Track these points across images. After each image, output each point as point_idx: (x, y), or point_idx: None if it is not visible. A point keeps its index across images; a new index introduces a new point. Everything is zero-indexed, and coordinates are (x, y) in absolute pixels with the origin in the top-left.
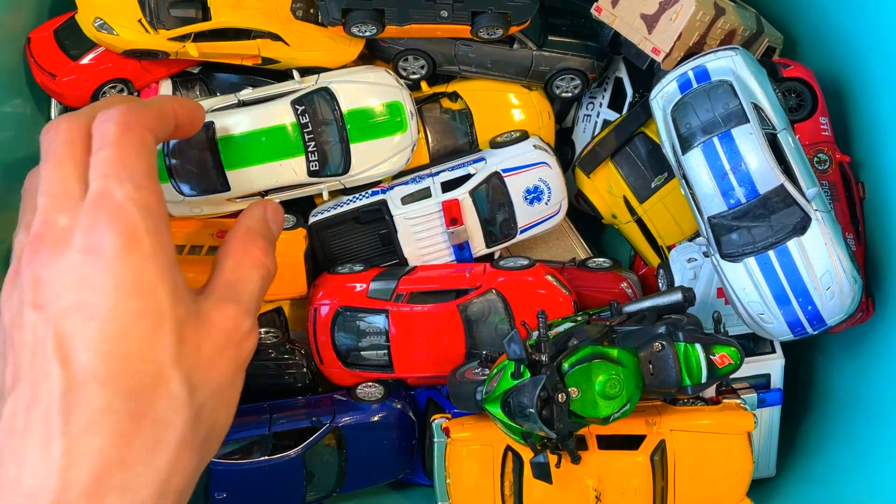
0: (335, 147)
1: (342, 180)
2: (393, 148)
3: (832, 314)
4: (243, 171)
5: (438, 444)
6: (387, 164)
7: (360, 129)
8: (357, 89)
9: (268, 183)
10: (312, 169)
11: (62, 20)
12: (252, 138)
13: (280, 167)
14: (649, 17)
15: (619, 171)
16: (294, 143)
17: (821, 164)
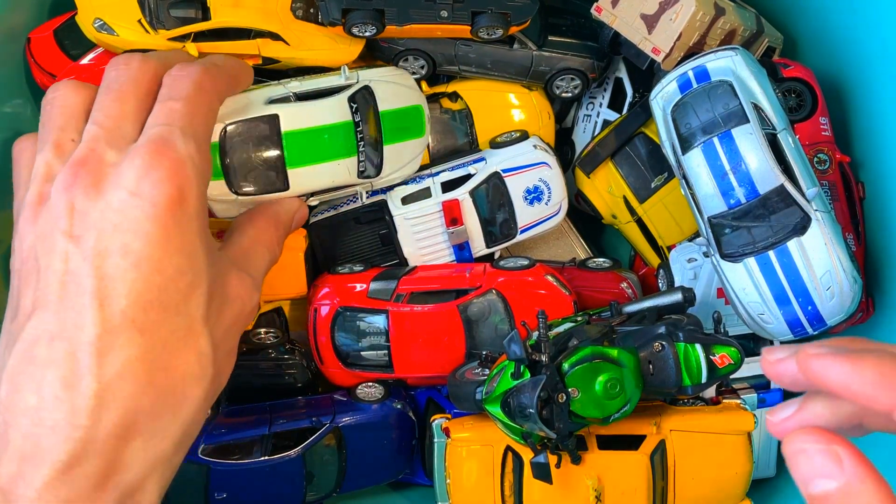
0: (374, 148)
1: (374, 182)
2: (413, 151)
3: (832, 314)
4: (305, 169)
5: (438, 445)
6: (407, 168)
7: (391, 131)
8: (389, 90)
9: (324, 183)
10: (360, 170)
11: (62, 20)
12: (316, 135)
13: (338, 167)
14: (649, 17)
15: (619, 171)
16: (350, 142)
17: (821, 164)
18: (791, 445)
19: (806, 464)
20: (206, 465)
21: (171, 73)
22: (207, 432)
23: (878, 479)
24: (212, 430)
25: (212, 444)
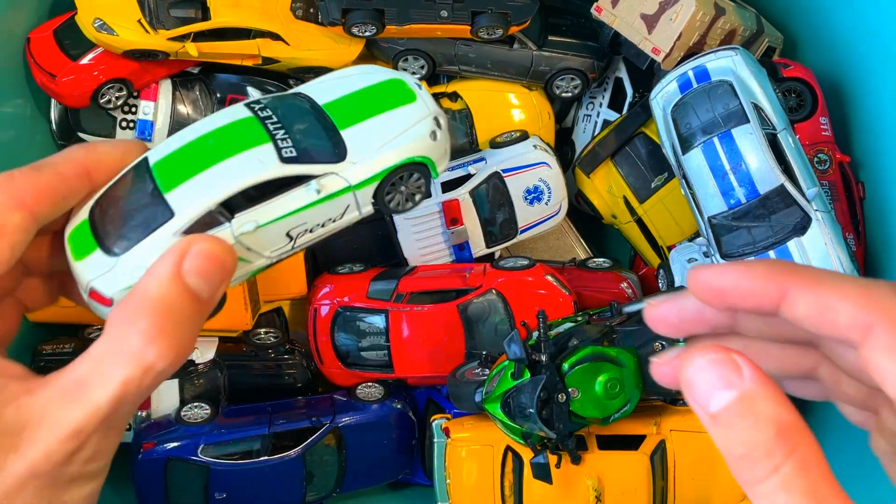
0: (316, 132)
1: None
2: (406, 119)
3: None
4: (192, 182)
5: (438, 445)
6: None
7: (346, 115)
8: (332, 84)
9: (228, 187)
10: (287, 155)
11: (62, 20)
12: (196, 146)
13: (242, 161)
14: (649, 17)
15: (620, 171)
16: (255, 133)
17: (821, 164)
18: (688, 369)
19: (704, 380)
20: (205, 464)
21: None
22: (207, 432)
23: (771, 381)
24: (212, 430)
25: (212, 444)
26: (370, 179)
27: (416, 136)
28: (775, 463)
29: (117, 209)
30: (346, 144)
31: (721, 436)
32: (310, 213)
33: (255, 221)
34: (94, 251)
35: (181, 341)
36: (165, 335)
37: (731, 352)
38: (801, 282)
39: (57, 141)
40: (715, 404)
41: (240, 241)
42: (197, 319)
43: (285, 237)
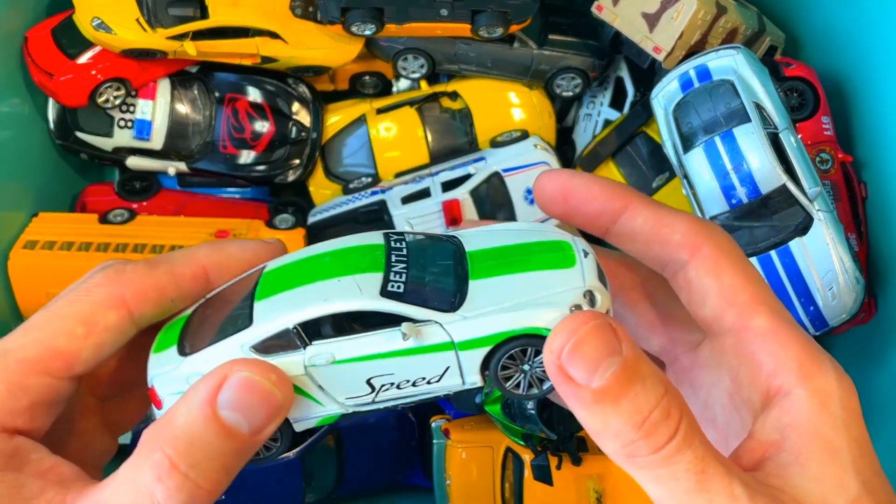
0: (440, 277)
1: (460, 322)
2: (551, 284)
3: (834, 315)
4: (280, 297)
5: (438, 446)
6: (541, 303)
7: (488, 266)
8: (494, 235)
9: (310, 308)
10: (390, 289)
11: (60, 19)
12: (310, 262)
13: (338, 284)
14: (650, 16)
15: (620, 170)
16: (373, 262)
17: (823, 163)
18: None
19: (588, 352)
20: None
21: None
22: None
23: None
24: None
25: None
26: (477, 342)
27: (553, 304)
28: (675, 421)
29: (214, 310)
30: (467, 296)
31: (609, 411)
32: (397, 363)
33: (331, 354)
34: (171, 347)
35: (202, 481)
36: (178, 473)
37: (602, 316)
38: (642, 200)
39: (55, 140)
40: (598, 379)
41: (310, 374)
42: (232, 458)
43: (365, 385)
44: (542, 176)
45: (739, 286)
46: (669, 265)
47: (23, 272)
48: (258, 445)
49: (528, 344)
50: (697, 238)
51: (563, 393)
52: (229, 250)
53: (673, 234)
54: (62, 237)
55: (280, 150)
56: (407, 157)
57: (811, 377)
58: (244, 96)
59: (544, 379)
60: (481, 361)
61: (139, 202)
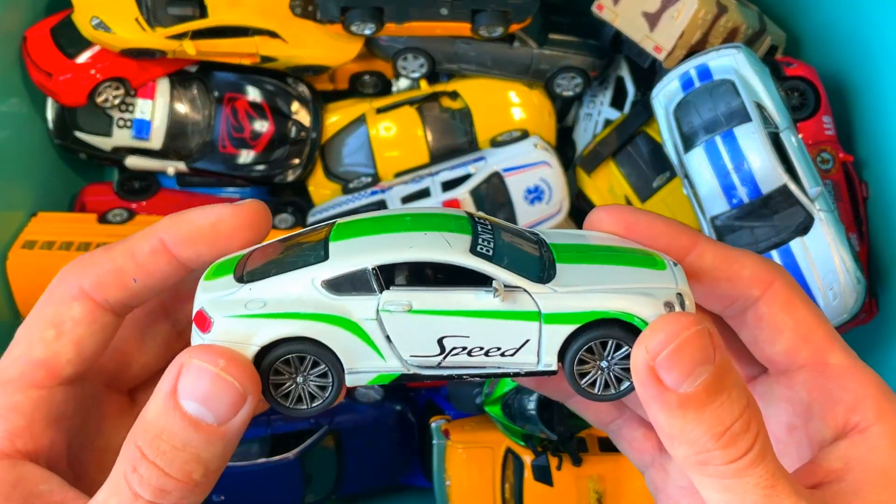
0: (526, 255)
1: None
2: (646, 278)
3: (835, 315)
4: (359, 239)
5: (438, 446)
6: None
7: (575, 255)
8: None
9: (394, 252)
10: (480, 250)
11: (59, 18)
12: (391, 219)
13: (425, 237)
14: (651, 15)
15: (621, 170)
16: (460, 226)
17: (824, 163)
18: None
19: (686, 358)
20: None
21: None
22: None
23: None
24: None
25: None
26: (566, 317)
27: (648, 295)
28: (753, 434)
29: (279, 250)
30: (556, 272)
31: (691, 418)
32: (477, 325)
33: (408, 302)
34: (226, 276)
35: (172, 471)
36: (147, 463)
37: (703, 320)
38: (707, 238)
39: (54, 140)
40: (689, 385)
41: (382, 319)
42: (204, 448)
43: (436, 344)
44: (599, 209)
45: (813, 323)
46: (738, 303)
47: (22, 272)
48: (234, 433)
49: (611, 335)
50: (768, 274)
51: (645, 393)
52: (189, 217)
53: (743, 271)
54: (61, 237)
55: (279, 150)
56: (407, 156)
57: (888, 416)
58: (243, 96)
59: (623, 378)
60: (562, 342)
61: (138, 202)
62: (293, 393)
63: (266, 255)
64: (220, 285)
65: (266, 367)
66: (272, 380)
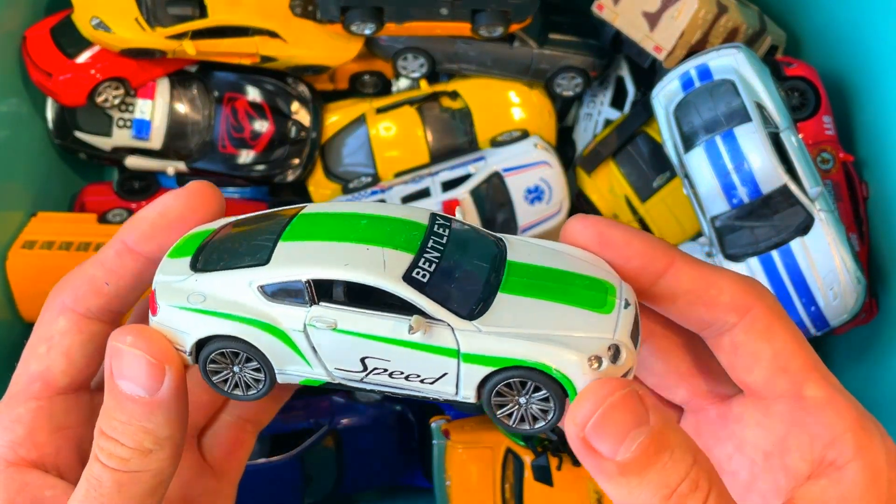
0: (470, 279)
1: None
2: (579, 324)
3: (835, 315)
4: (305, 244)
5: (438, 447)
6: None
7: (525, 284)
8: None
9: (329, 267)
10: (413, 276)
11: (59, 18)
12: (347, 219)
13: (364, 252)
14: (651, 15)
15: (621, 170)
16: (409, 241)
17: (824, 163)
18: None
19: (615, 425)
20: None
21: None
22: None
23: (659, 403)
24: None
25: None
26: (483, 359)
27: (572, 348)
28: (704, 493)
29: (241, 231)
30: (490, 307)
31: (635, 484)
32: (396, 352)
33: (334, 321)
34: (185, 258)
35: (125, 441)
36: (104, 437)
37: (628, 384)
38: (685, 258)
39: (53, 140)
40: (623, 452)
41: (308, 332)
42: (147, 419)
43: (358, 362)
44: (573, 221)
45: (791, 351)
46: (713, 326)
47: (21, 272)
48: (169, 402)
49: (530, 378)
50: (747, 299)
51: (586, 464)
52: (141, 214)
53: (721, 296)
54: (61, 237)
55: (279, 150)
56: (407, 156)
57: (864, 451)
58: (243, 96)
59: (538, 418)
60: (480, 379)
61: (138, 202)
62: (231, 380)
63: (228, 237)
64: (176, 268)
65: (203, 357)
66: (211, 367)
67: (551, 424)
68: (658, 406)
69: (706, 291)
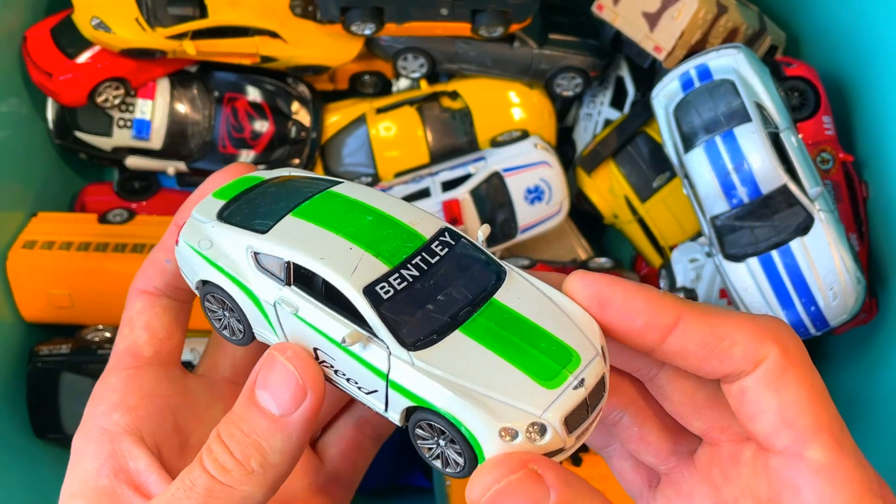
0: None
1: (404, 363)
2: (514, 392)
3: (835, 315)
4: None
5: None
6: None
7: (489, 331)
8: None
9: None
10: (377, 289)
11: (59, 18)
12: (359, 209)
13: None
14: (651, 15)
15: (621, 170)
16: (399, 251)
17: (824, 163)
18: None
19: (511, 499)
20: None
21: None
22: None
23: (571, 478)
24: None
25: None
26: (406, 392)
27: (492, 410)
28: None
29: (269, 195)
30: (440, 343)
31: None
32: (339, 354)
33: (296, 307)
34: (220, 202)
35: (237, 454)
36: (218, 444)
37: (532, 461)
38: (694, 311)
39: (53, 140)
40: None
41: (276, 309)
42: (266, 438)
43: (312, 349)
44: (573, 279)
45: (801, 406)
46: (728, 377)
47: (22, 272)
48: (295, 429)
49: (444, 427)
50: (762, 349)
51: None
52: (192, 197)
53: (733, 348)
54: (61, 237)
55: (280, 150)
56: (407, 156)
57: None
58: (244, 96)
59: (450, 464)
60: (405, 408)
61: (138, 202)
62: (222, 321)
63: (260, 193)
64: (208, 210)
65: (202, 293)
66: (208, 304)
67: (462, 476)
68: (570, 482)
69: (717, 345)
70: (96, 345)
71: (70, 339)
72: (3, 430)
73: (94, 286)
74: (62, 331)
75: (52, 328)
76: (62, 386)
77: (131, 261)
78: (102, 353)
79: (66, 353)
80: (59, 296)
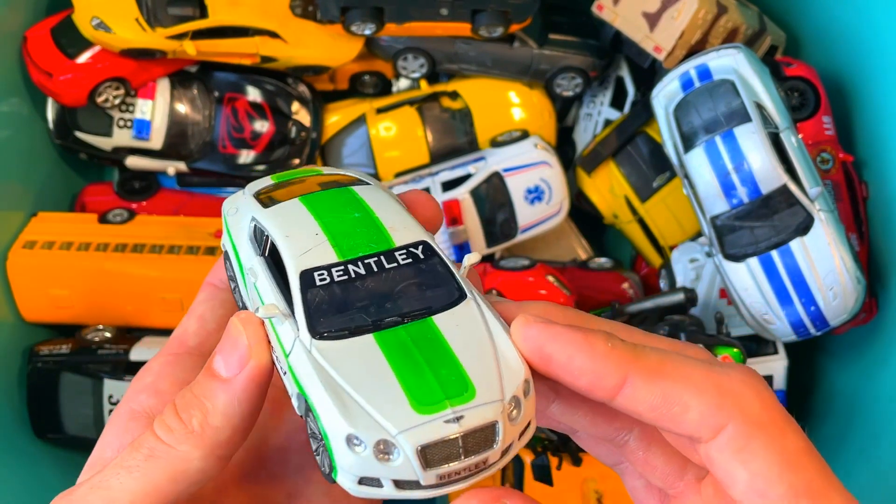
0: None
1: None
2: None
3: (835, 315)
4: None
5: None
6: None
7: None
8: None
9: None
10: (315, 275)
11: (59, 18)
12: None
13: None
14: (651, 15)
15: (621, 170)
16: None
17: (824, 163)
18: None
19: None
20: None
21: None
22: None
23: None
24: None
25: None
26: (294, 375)
27: (352, 414)
28: None
29: (303, 181)
30: (344, 339)
31: None
32: (270, 329)
33: (256, 276)
34: (272, 183)
35: (182, 412)
36: (169, 407)
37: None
38: (641, 371)
39: (54, 140)
40: None
41: (246, 276)
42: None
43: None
44: (515, 327)
45: (772, 476)
46: (691, 440)
47: (22, 272)
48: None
49: (313, 422)
50: (719, 415)
51: None
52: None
53: (686, 414)
54: (61, 237)
55: (280, 150)
56: (407, 156)
57: None
58: (244, 96)
59: (322, 463)
60: (296, 394)
61: (138, 202)
62: (234, 289)
63: (300, 178)
64: (255, 185)
65: (224, 260)
66: (228, 273)
67: (329, 481)
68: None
69: (668, 410)
70: (96, 345)
71: (70, 339)
72: (3, 430)
73: (95, 286)
74: (62, 331)
75: (52, 328)
76: (62, 386)
77: (131, 261)
78: (102, 353)
79: (66, 353)
80: (59, 296)
